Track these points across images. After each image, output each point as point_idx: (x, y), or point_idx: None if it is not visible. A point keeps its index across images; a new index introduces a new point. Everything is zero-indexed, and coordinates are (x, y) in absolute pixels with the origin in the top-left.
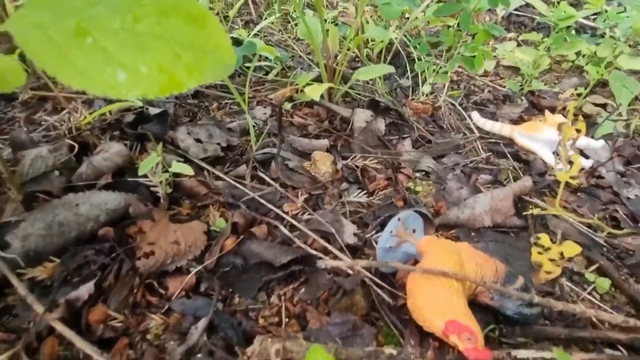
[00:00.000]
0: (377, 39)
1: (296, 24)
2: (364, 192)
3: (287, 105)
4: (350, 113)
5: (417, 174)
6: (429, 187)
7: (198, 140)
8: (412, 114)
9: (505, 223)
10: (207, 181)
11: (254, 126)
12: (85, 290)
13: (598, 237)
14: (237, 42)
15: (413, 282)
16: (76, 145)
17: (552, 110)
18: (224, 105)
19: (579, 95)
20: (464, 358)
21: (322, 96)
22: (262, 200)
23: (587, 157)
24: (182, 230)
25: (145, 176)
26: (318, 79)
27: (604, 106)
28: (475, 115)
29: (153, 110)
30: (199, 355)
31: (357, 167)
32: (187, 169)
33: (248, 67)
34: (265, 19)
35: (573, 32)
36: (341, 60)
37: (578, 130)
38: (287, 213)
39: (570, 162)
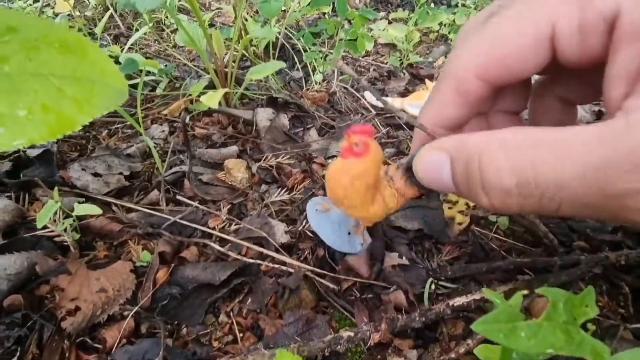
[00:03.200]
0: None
1: (172, 32)
2: (284, 189)
3: (185, 118)
4: (252, 114)
5: (330, 160)
6: None
7: (96, 175)
8: (310, 104)
9: None
10: (118, 216)
11: (155, 146)
12: None
13: None
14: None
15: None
16: None
17: (430, 78)
18: (115, 131)
19: None
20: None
21: (219, 102)
22: (184, 222)
23: None
24: (106, 275)
25: (44, 227)
26: (210, 86)
27: None
28: (367, 94)
29: (32, 152)
30: None
31: (272, 166)
32: (93, 209)
33: (133, 86)
34: (136, 30)
35: (432, 5)
36: (230, 62)
37: None
38: (213, 228)
39: None
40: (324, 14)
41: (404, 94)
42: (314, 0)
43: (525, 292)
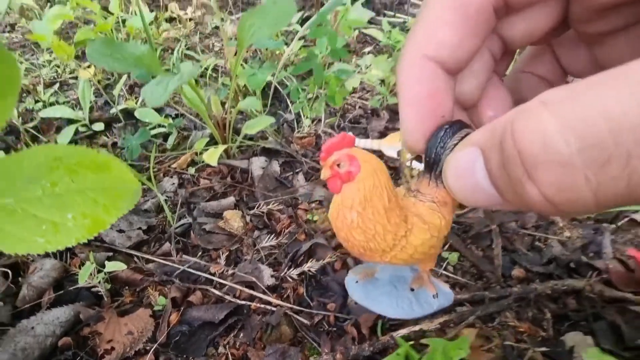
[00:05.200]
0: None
1: None
2: (273, 235)
3: (191, 170)
4: (247, 163)
5: (313, 205)
6: (324, 214)
7: (120, 231)
8: (299, 149)
9: None
10: (139, 266)
11: (166, 200)
12: None
13: None
14: (129, 115)
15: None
16: (9, 271)
17: None
18: None
19: None
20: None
21: (220, 155)
22: (191, 270)
23: None
24: (132, 321)
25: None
26: (212, 138)
27: None
28: (358, 141)
29: None
30: None
31: (263, 213)
32: (120, 266)
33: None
34: None
35: None
36: (229, 116)
37: None
38: (214, 274)
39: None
40: (311, 47)
41: (384, 133)
42: (296, 67)
43: (411, 342)
